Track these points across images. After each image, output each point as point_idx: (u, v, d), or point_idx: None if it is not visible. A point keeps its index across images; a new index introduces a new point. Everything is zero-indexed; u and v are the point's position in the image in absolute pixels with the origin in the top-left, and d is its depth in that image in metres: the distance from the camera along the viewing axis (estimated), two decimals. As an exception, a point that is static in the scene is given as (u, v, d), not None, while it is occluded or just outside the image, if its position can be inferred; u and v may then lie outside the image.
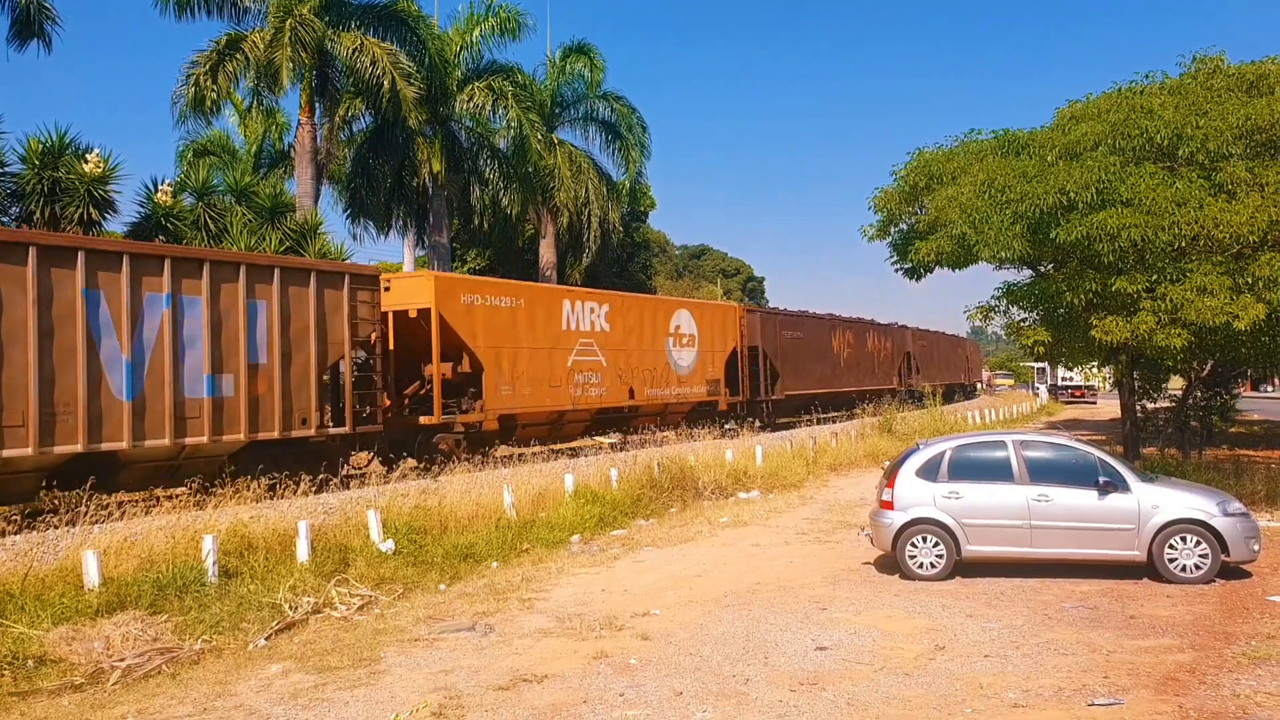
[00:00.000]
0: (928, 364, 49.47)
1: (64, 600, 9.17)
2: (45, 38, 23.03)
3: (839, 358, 37.42)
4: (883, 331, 43.19)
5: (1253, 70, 16.80)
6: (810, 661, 8.13)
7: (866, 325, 41.35)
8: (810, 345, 34.82)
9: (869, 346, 40.81)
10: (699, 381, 27.56)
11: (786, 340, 32.88)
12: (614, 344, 23.96)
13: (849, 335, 38.79)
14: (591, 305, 23.57)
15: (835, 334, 37.45)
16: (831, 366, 36.71)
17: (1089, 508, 10.78)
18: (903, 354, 45.48)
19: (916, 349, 47.64)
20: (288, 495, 13.73)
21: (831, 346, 36.91)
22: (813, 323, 36.03)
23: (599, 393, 23.27)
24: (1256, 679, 7.44)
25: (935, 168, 18.37)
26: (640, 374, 24.92)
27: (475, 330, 19.90)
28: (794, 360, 33.26)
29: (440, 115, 32.69)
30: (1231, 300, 14.38)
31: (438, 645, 8.92)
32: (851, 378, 38.31)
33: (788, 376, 32.59)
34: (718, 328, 29.07)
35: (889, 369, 43.19)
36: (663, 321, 26.32)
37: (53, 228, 19.39)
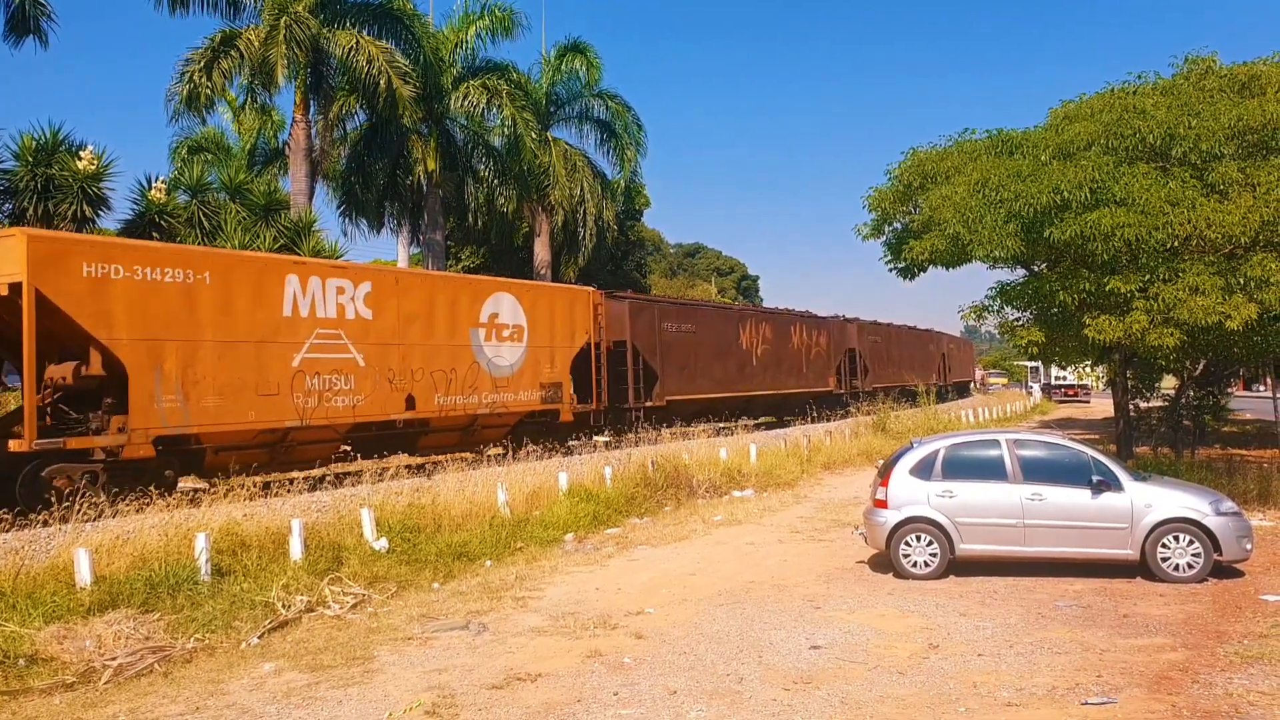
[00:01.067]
0: (881, 362, 43.08)
1: (56, 599, 9.14)
2: (41, 35, 22.98)
3: (750, 356, 30.79)
4: (815, 325, 36.37)
5: (1244, 71, 16.84)
6: (804, 660, 8.14)
7: (792, 318, 35.00)
8: (706, 341, 28.20)
9: (794, 343, 34.03)
10: (528, 386, 21.04)
11: (670, 335, 26.53)
12: (380, 336, 17.49)
13: (765, 329, 32.10)
14: (339, 284, 16.94)
15: (744, 327, 30.86)
16: (738, 366, 30.09)
17: (1082, 507, 10.81)
18: (844, 351, 38.71)
19: (865, 345, 40.99)
20: (282, 493, 13.70)
21: (738, 342, 30.27)
22: (709, 314, 29.96)
23: (350, 402, 16.77)
24: (1249, 678, 7.46)
25: (929, 167, 18.40)
26: (427, 377, 18.49)
27: (112, 314, 13.56)
28: (681, 359, 26.84)
29: (435, 113, 32.66)
30: (1224, 300, 14.42)
31: (431, 644, 8.91)
32: (769, 379, 31.81)
33: (671, 379, 26.17)
34: (560, 318, 22.37)
35: (824, 369, 36.45)
36: (468, 308, 19.70)
37: (46, 225, 19.34)
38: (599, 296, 24.07)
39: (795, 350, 34.15)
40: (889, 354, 44.54)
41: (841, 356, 38.30)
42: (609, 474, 16.82)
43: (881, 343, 43.54)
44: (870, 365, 40.97)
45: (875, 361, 41.87)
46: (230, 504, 12.27)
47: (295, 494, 13.98)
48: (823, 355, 36.44)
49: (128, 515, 11.58)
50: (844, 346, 38.66)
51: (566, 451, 20.73)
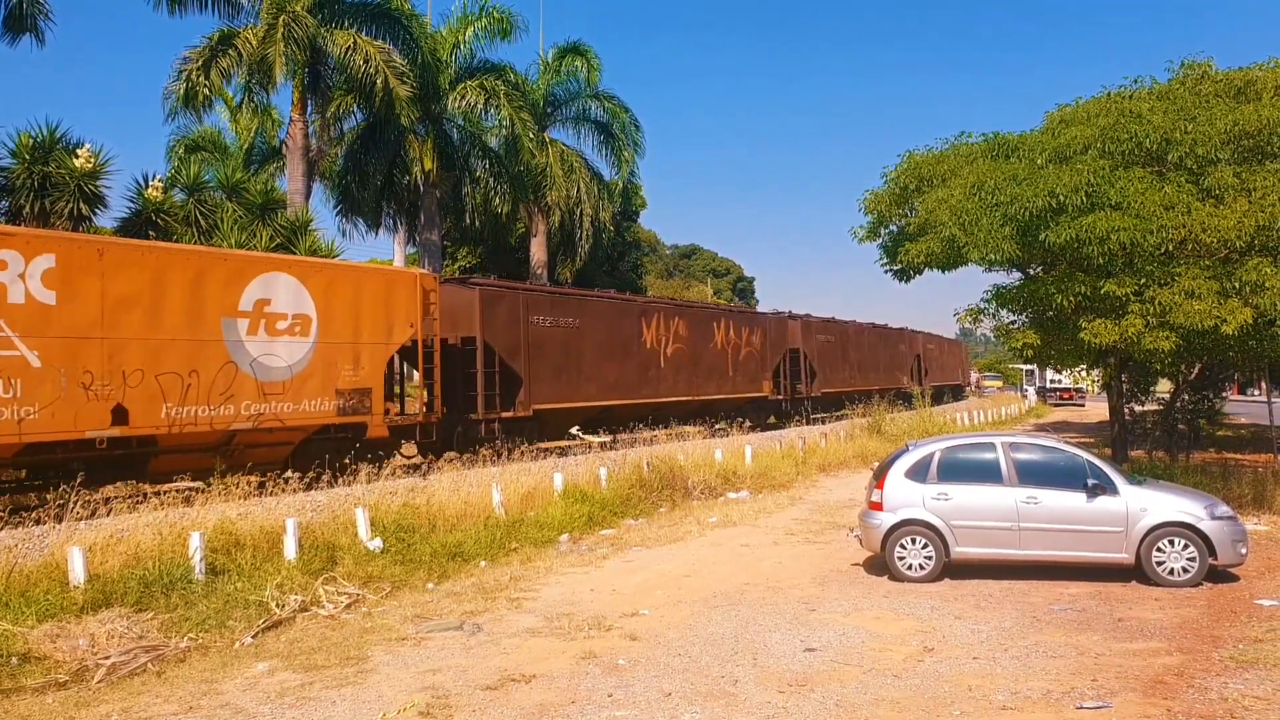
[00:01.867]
0: (834, 364, 38.02)
1: (49, 597, 9.10)
2: (38, 33, 22.94)
3: (656, 356, 26.24)
4: (746, 321, 31.84)
5: (1240, 76, 16.91)
6: (799, 662, 8.13)
7: (716, 313, 30.85)
8: (594, 338, 23.67)
9: (718, 341, 29.35)
10: (317, 393, 16.31)
11: (542, 331, 22.08)
12: (69, 328, 13.14)
13: (678, 325, 27.36)
14: None
15: (650, 323, 26.13)
16: (640, 368, 25.54)
17: (1077, 510, 10.81)
18: (784, 351, 33.80)
19: (814, 345, 36.08)
20: (277, 492, 13.67)
21: (640, 340, 25.63)
22: (599, 307, 24.57)
23: (13, 415, 12.48)
24: (1244, 682, 7.46)
25: (925, 170, 18.44)
26: (151, 381, 14.02)
27: None
28: (557, 360, 22.45)
29: (432, 113, 32.65)
30: (1219, 304, 14.46)
31: (425, 644, 8.89)
32: (683, 383, 27.37)
33: (543, 384, 21.88)
34: (370, 308, 17.23)
35: (757, 371, 31.64)
36: (220, 291, 15.01)
37: (42, 223, 19.31)
38: (431, 280, 18.82)
39: (719, 350, 29.24)
40: (845, 355, 39.34)
41: (780, 357, 33.31)
42: (604, 475, 16.81)
43: (835, 342, 38.34)
44: (819, 368, 36.04)
45: (826, 363, 36.86)
46: (225, 503, 12.24)
47: (290, 493, 13.95)
48: (755, 356, 31.39)
49: (121, 514, 11.55)
50: (784, 346, 33.70)
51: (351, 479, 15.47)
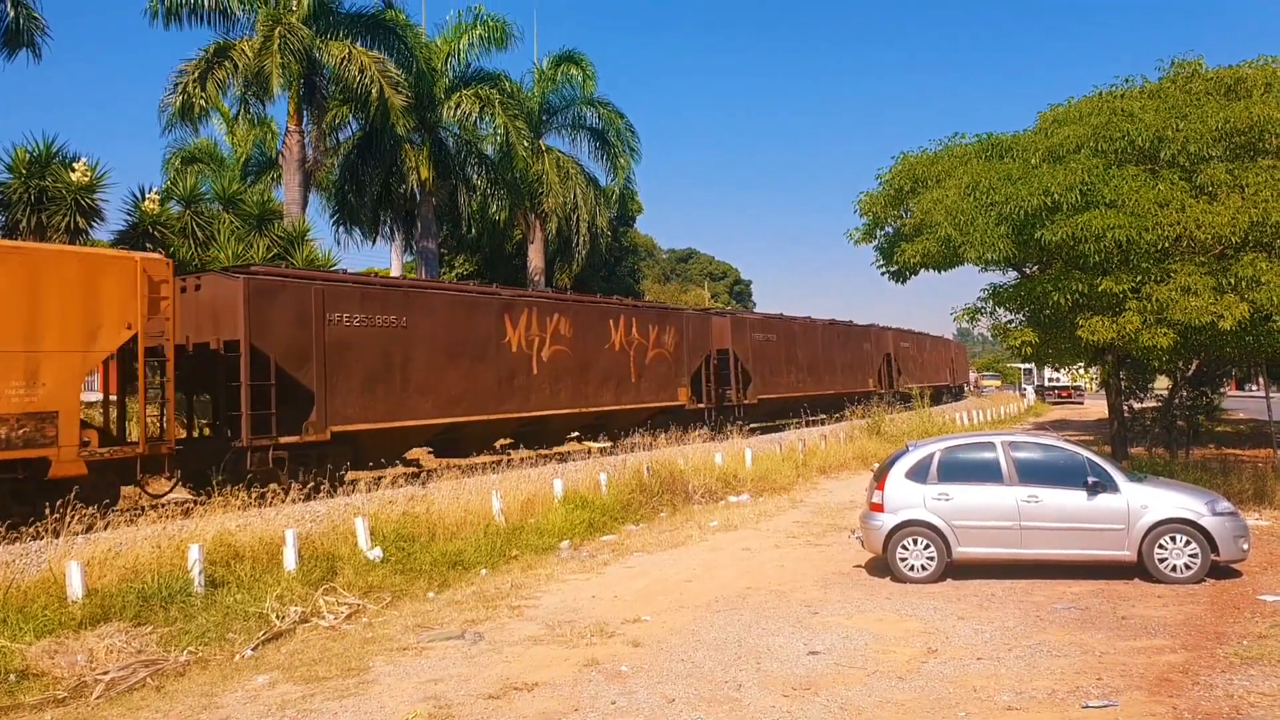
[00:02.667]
0: (776, 367, 33.05)
1: (47, 613, 9.07)
2: (34, 48, 22.97)
3: (527, 361, 21.34)
4: (657, 319, 26.77)
5: (1230, 74, 16.95)
6: (803, 666, 8.10)
7: (614, 309, 25.43)
8: (431, 340, 18.96)
9: (615, 343, 24.55)
10: None
11: (349, 332, 17.24)
12: None
13: (559, 324, 22.50)
14: None
15: (516, 321, 21.19)
16: (503, 376, 20.68)
17: (1078, 508, 10.80)
18: (704, 355, 28.80)
19: (748, 345, 31.22)
20: (276, 503, 13.65)
21: (502, 342, 20.73)
22: (440, 302, 19.63)
23: None
24: (1249, 679, 7.44)
25: (920, 171, 18.45)
26: None
27: None
28: (372, 368, 17.58)
29: (428, 122, 32.69)
30: (1216, 300, 14.47)
31: (427, 654, 8.86)
32: (565, 393, 22.36)
33: (347, 397, 17.06)
34: (56, 304, 12.96)
35: (670, 377, 26.76)
36: None
37: (39, 237, 19.30)
38: (160, 267, 14.25)
39: (618, 352, 24.45)
40: (790, 356, 34.24)
41: (701, 361, 28.44)
42: (604, 480, 16.78)
43: (776, 341, 33.27)
44: (755, 371, 31.34)
45: (764, 366, 32.07)
46: (224, 514, 12.22)
47: (289, 504, 13.92)
48: (668, 359, 26.61)
49: (120, 527, 11.52)
50: (707, 347, 28.82)
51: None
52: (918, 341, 52.08)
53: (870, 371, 42.16)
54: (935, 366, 55.21)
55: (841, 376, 38.59)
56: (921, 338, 53.48)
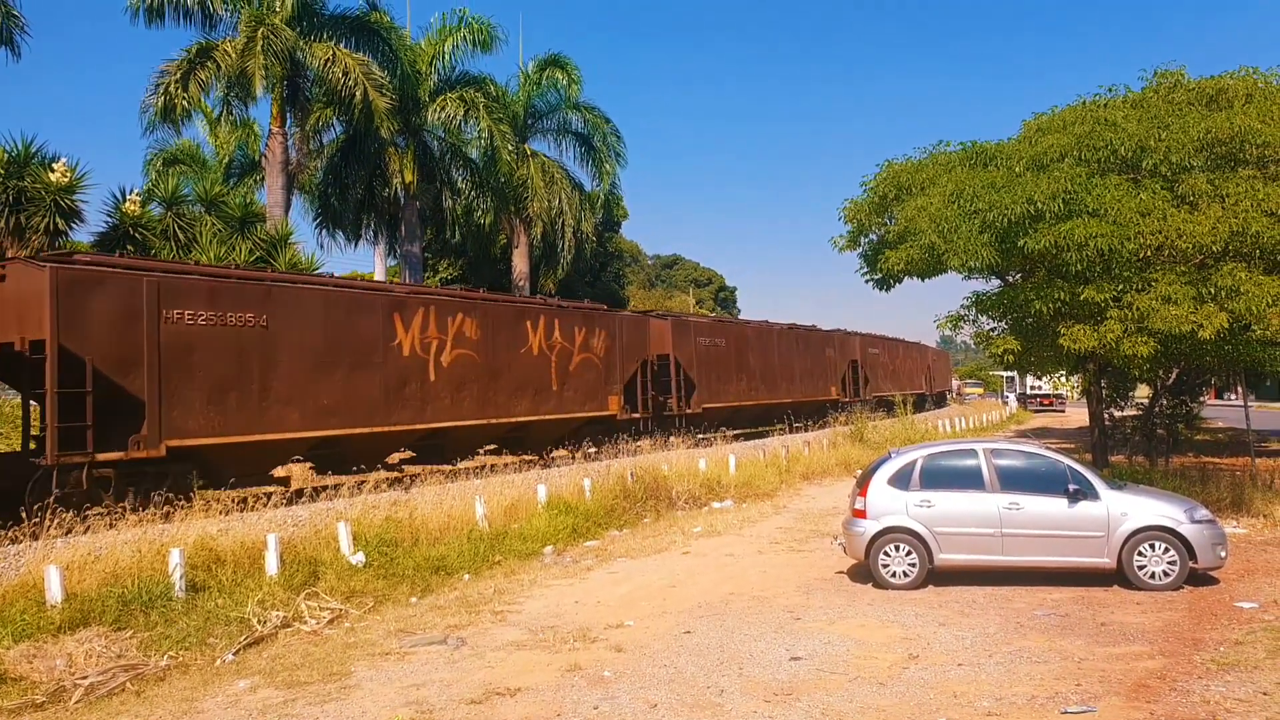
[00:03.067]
0: (724, 373, 30.53)
1: (25, 617, 9.00)
2: (14, 47, 22.84)
3: (422, 368, 18.74)
4: (584, 321, 23.85)
5: (1212, 85, 17.11)
6: (785, 672, 8.12)
7: (533, 310, 22.55)
8: (300, 344, 16.40)
9: (534, 347, 21.81)
10: None
11: (192, 332, 14.75)
12: None
13: (463, 325, 19.85)
14: None
15: (411, 321, 18.62)
16: (391, 384, 17.98)
17: (1059, 515, 10.87)
18: (640, 360, 25.99)
19: (692, 350, 28.74)
20: (258, 507, 13.59)
21: (392, 345, 18.14)
22: (312, 300, 16.90)
23: None
24: (1226, 685, 7.50)
25: (904, 179, 18.52)
26: None
27: None
28: (226, 374, 15.12)
29: (412, 125, 32.64)
30: (1195, 309, 14.58)
31: (409, 659, 8.84)
32: (470, 403, 19.78)
33: (193, 410, 14.64)
34: None
35: (599, 385, 24.00)
36: None
37: (17, 238, 19.16)
38: None
39: (536, 357, 21.91)
40: (742, 362, 31.97)
41: (637, 367, 25.78)
42: (588, 486, 16.77)
43: (725, 347, 30.85)
44: (701, 378, 28.91)
45: (711, 372, 29.66)
46: (205, 519, 12.16)
47: (271, 508, 13.87)
48: (597, 365, 24.02)
49: (100, 531, 11.44)
50: (644, 352, 26.23)
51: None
52: (889, 347, 49.88)
53: (833, 379, 39.70)
54: (909, 374, 52.89)
55: (801, 384, 36.21)
56: (894, 344, 51.35)
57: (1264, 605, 10.00)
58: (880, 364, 46.84)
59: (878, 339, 48.03)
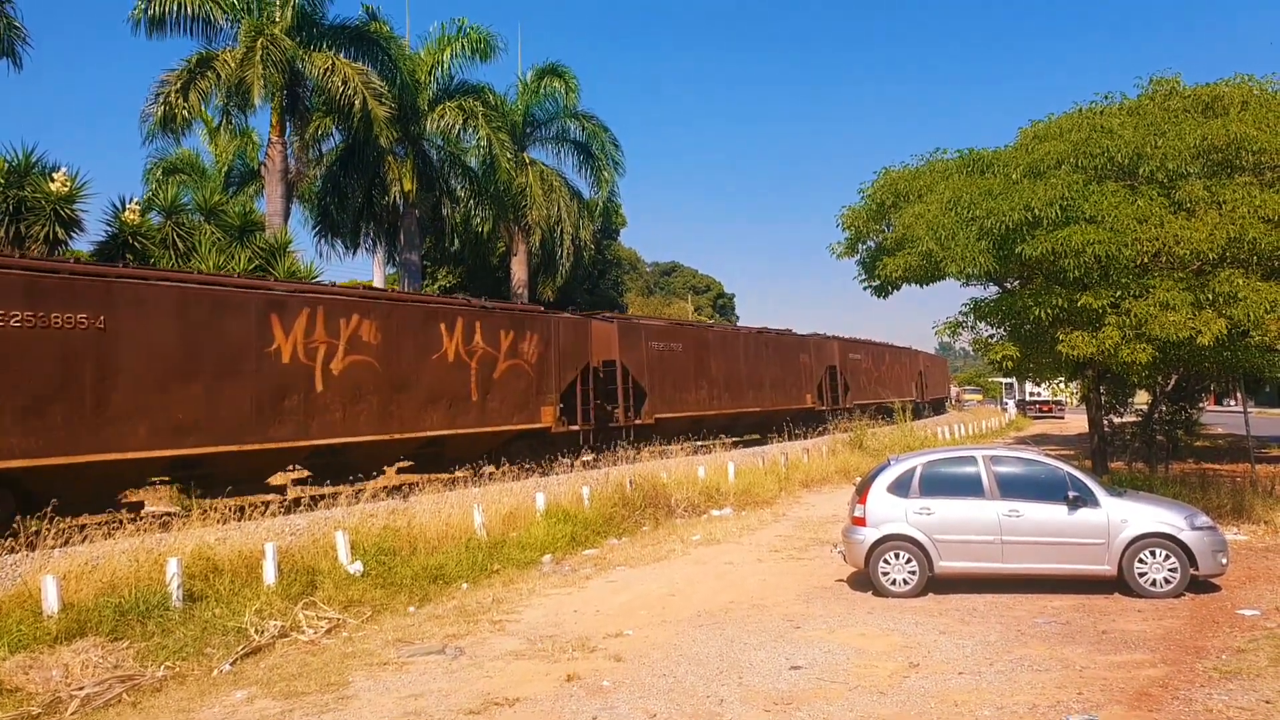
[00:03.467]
0: (686, 382, 28.25)
1: (21, 627, 8.96)
2: (15, 58, 22.88)
3: (307, 375, 16.45)
4: (513, 324, 21.40)
5: (1208, 92, 17.16)
6: (784, 681, 8.09)
7: (449, 311, 19.98)
8: (149, 349, 14.33)
9: (449, 352, 19.48)
10: None
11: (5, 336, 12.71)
12: None
13: (361, 328, 17.47)
14: None
15: (292, 324, 16.31)
16: (265, 396, 15.73)
17: (1059, 522, 10.84)
18: (581, 367, 23.54)
19: (641, 356, 26.25)
20: (256, 516, 13.56)
21: (269, 351, 15.85)
22: (165, 298, 14.75)
23: None
24: (1228, 693, 7.48)
25: (902, 186, 18.56)
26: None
27: None
28: (42, 380, 13.02)
29: (411, 134, 32.65)
30: (1194, 316, 14.59)
31: (407, 668, 8.80)
32: (370, 416, 17.47)
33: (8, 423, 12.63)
34: None
35: (531, 395, 21.60)
36: None
37: (18, 246, 19.14)
38: None
39: (453, 365, 19.56)
40: (703, 369, 29.40)
41: (577, 374, 23.43)
42: (587, 494, 16.74)
43: (683, 352, 28.31)
44: (654, 386, 26.51)
45: (666, 380, 27.26)
46: (202, 527, 12.13)
47: (269, 517, 13.82)
48: (528, 373, 21.67)
49: (97, 541, 11.40)
50: (584, 358, 23.74)
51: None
52: (874, 353, 47.00)
53: (808, 386, 37.05)
54: (896, 380, 49.84)
55: (772, 392, 33.78)
56: (880, 349, 48.51)
57: (1266, 612, 9.98)
58: (863, 370, 44.29)
59: (861, 343, 45.39)
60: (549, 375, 22.31)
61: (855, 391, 41.95)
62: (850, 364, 42.07)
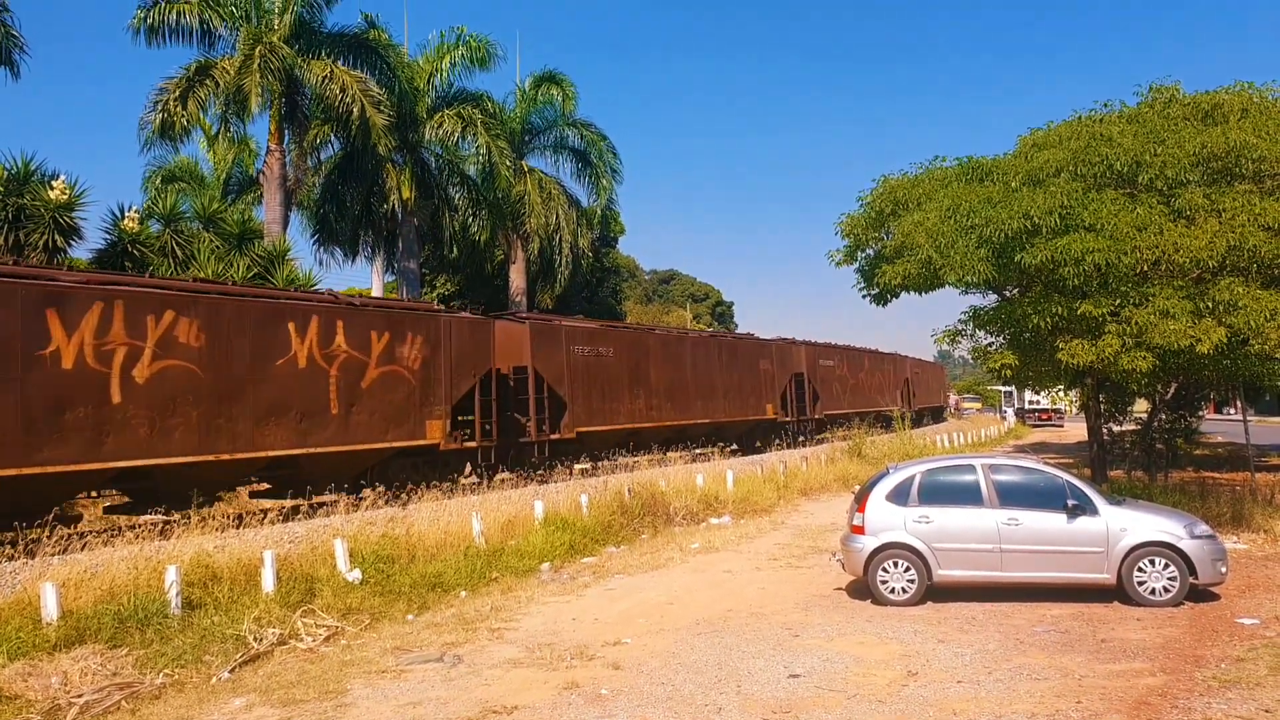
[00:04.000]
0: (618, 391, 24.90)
1: (21, 635, 8.96)
2: (13, 66, 22.89)
3: (100, 384, 13.73)
4: (390, 324, 18.31)
5: (1207, 100, 17.17)
6: (783, 689, 8.08)
7: (303, 308, 16.95)
8: None
9: (300, 356, 16.56)
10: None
11: None
12: None
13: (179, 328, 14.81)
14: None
15: (78, 323, 13.56)
16: (37, 410, 12.92)
17: (1058, 531, 10.84)
18: (481, 374, 20.20)
19: (562, 362, 23.03)
20: (254, 524, 13.55)
21: (45, 355, 13.14)
22: None
23: None
24: (1227, 702, 7.47)
25: (901, 194, 18.57)
26: None
27: None
28: None
29: (410, 142, 32.71)
30: (1194, 324, 14.60)
31: (405, 676, 8.79)
32: (186, 431, 14.66)
33: None
34: None
35: (413, 404, 18.48)
36: None
37: (17, 254, 19.16)
38: None
39: (304, 371, 16.51)
40: (639, 376, 25.99)
41: (475, 382, 20.10)
42: (585, 502, 16.73)
43: (614, 358, 25.02)
44: (576, 396, 23.32)
45: (593, 389, 24.04)
46: (201, 535, 12.12)
47: (268, 525, 13.83)
48: (409, 381, 18.41)
49: (96, 548, 11.40)
50: (485, 364, 20.39)
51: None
52: (850, 358, 42.96)
53: (769, 396, 33.50)
54: (878, 388, 46.10)
55: (725, 402, 30.45)
56: (858, 354, 44.69)
57: (1265, 621, 9.97)
58: (835, 378, 40.39)
59: (836, 348, 41.60)
60: (437, 384, 19.04)
61: (828, 401, 38.74)
62: (822, 371, 38.70)
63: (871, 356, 46.91)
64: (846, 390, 41.44)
